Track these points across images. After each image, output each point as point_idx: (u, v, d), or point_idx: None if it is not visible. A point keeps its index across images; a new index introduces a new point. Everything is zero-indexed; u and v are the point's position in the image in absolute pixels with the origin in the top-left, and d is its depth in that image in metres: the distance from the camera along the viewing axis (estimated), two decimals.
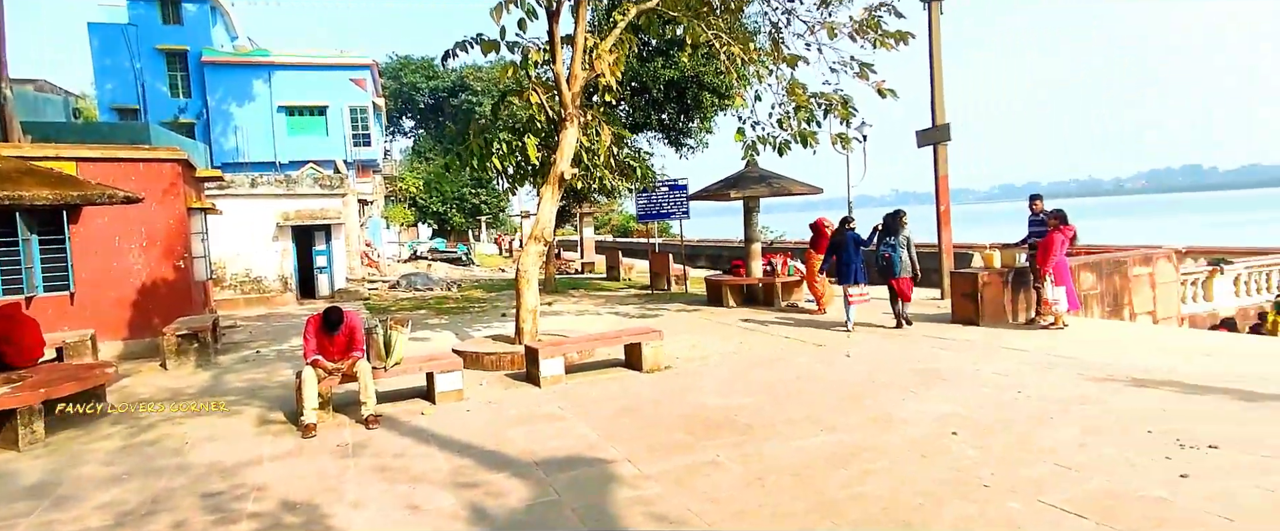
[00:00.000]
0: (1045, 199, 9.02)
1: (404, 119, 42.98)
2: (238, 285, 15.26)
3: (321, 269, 16.07)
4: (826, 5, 10.07)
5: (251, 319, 13.01)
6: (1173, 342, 7.12)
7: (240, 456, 4.80)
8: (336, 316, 5.52)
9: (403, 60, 40.03)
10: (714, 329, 9.46)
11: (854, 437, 4.58)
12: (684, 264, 16.42)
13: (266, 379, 7.34)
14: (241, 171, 19.07)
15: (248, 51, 25.36)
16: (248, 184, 15.41)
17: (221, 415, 5.90)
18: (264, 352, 9.12)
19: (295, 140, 25.08)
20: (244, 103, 24.46)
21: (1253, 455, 3.88)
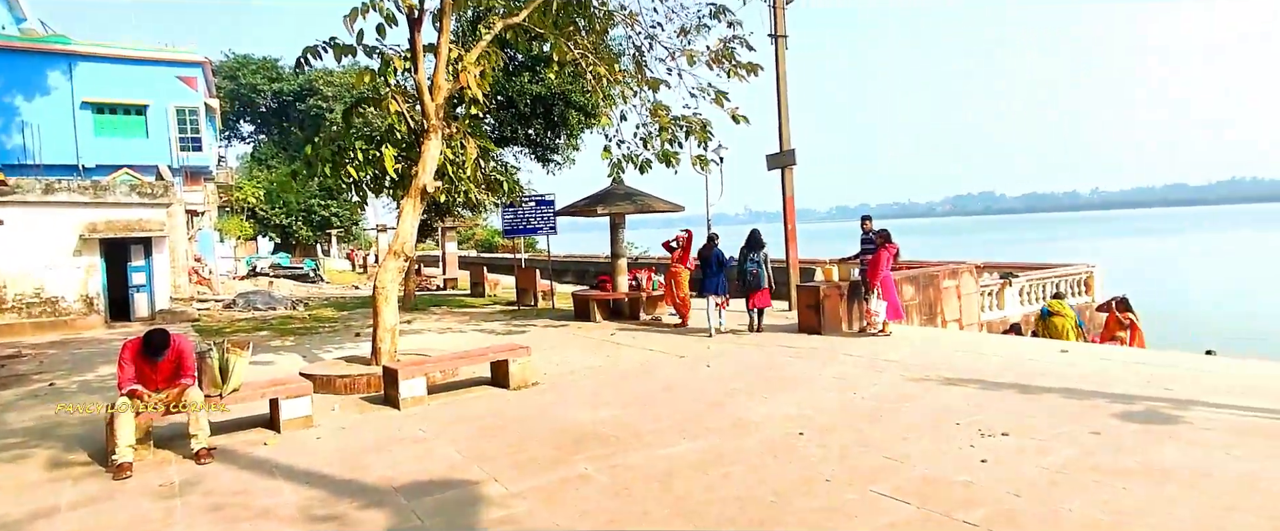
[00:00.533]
0: (873, 219, 10.10)
1: (242, 123, 39.16)
2: (23, 307, 13.04)
3: (139, 287, 14.15)
4: (686, 34, 10.68)
5: (43, 346, 11.20)
6: (975, 345, 8.23)
7: (28, 508, 4.13)
8: (160, 340, 4.93)
9: (241, 59, 36.52)
10: (582, 343, 9.55)
11: (714, 443, 4.86)
12: (551, 279, 16.40)
13: (62, 416, 6.36)
14: (32, 174, 16.41)
15: (39, 37, 21.88)
16: (40, 189, 13.27)
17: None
18: (60, 386, 7.90)
19: (106, 142, 21.92)
20: (34, 96, 21.01)
21: (1034, 439, 4.61)
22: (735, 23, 10.16)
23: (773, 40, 12.37)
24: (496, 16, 9.08)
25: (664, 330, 10.50)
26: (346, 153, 8.19)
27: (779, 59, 12.27)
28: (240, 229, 32.71)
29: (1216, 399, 5.28)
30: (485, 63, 8.64)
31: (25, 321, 12.91)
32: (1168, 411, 5.04)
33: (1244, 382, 5.77)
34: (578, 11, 9.59)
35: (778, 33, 12.26)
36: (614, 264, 12.87)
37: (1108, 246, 64.39)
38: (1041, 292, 12.94)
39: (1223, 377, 5.99)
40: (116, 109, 22.18)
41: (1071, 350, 7.62)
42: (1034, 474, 4.02)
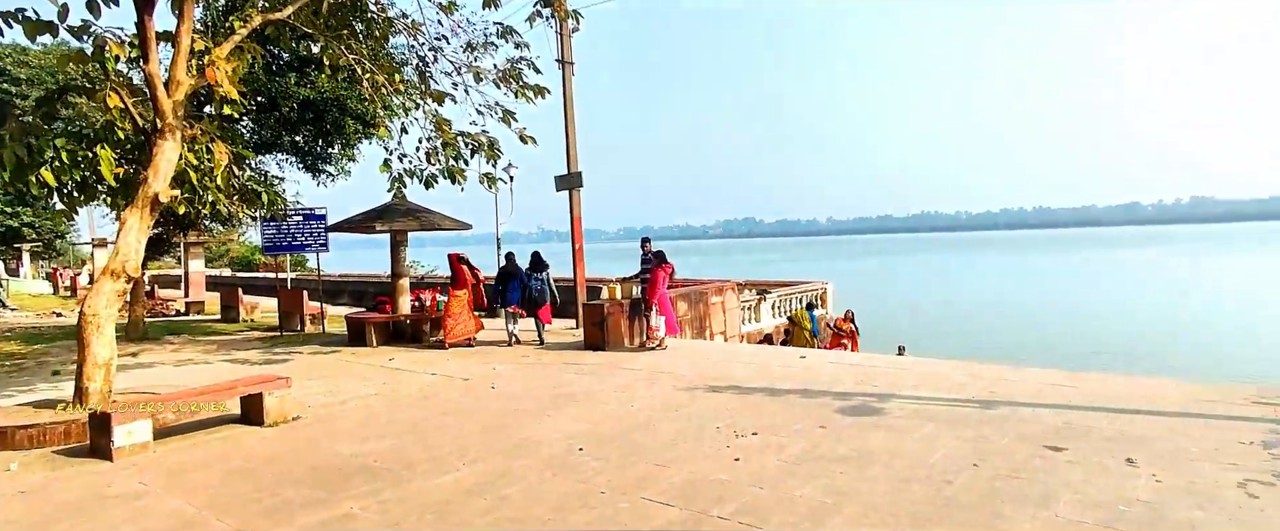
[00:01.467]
0: (653, 241, 10.87)
1: None
2: None
3: None
4: (473, 50, 10.56)
5: None
6: (735, 355, 9.23)
7: None
8: None
9: None
10: (356, 370, 8.86)
11: (494, 465, 4.83)
12: (322, 301, 14.95)
13: None
14: None
15: None
16: None
17: None
18: None
19: None
20: None
21: (777, 436, 5.31)
22: (522, 44, 10.30)
23: (559, 65, 12.75)
24: (255, 9, 8.16)
25: (449, 353, 10.16)
26: (44, 151, 6.70)
27: (566, 84, 12.67)
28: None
29: (907, 392, 6.54)
30: (240, 59, 7.71)
31: None
32: (875, 404, 6.12)
33: (926, 377, 7.23)
34: (353, 15, 9.01)
35: (564, 59, 12.67)
36: (395, 284, 12.15)
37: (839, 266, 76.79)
38: (789, 307, 14.94)
39: (912, 373, 7.44)
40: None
41: (809, 356, 8.90)
42: (775, 466, 4.63)
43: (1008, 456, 4.61)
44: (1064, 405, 5.85)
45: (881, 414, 5.81)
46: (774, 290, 15.30)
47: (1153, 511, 3.66)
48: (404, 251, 12.44)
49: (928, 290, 54.15)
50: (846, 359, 8.79)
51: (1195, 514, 3.61)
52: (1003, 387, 6.58)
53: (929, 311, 37.49)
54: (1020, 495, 3.95)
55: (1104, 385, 6.66)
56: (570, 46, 12.76)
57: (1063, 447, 4.74)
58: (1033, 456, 4.59)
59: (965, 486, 4.12)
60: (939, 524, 3.62)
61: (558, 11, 10.97)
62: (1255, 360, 22.14)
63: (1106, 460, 4.46)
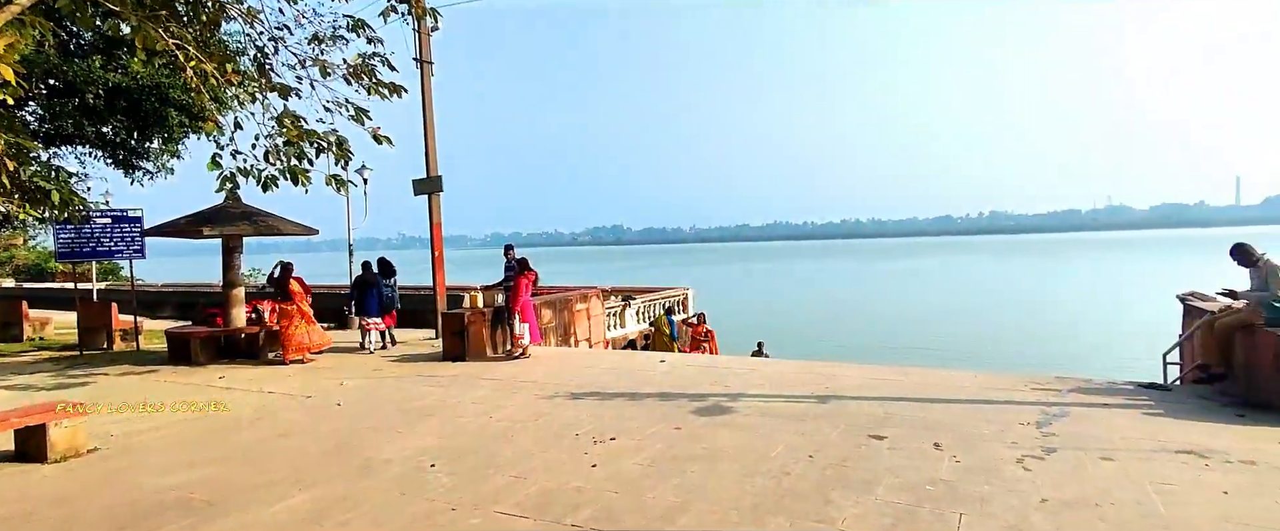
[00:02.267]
0: (521, 248, 10.72)
1: None
2: None
3: None
4: (320, 43, 9.83)
5: None
6: (599, 361, 9.32)
7: None
8: None
9: None
10: (176, 391, 7.91)
11: (335, 489, 4.52)
12: (137, 314, 13.19)
13: None
14: None
15: None
16: None
17: None
18: None
19: None
20: None
21: (635, 440, 5.43)
22: (375, 39, 9.76)
23: (418, 64, 12.23)
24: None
25: (291, 370, 9.37)
26: None
27: (424, 84, 12.17)
28: None
29: (756, 391, 6.96)
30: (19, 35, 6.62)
31: None
32: (727, 404, 6.45)
33: (772, 377, 7.73)
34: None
35: (423, 58, 12.17)
36: (227, 294, 10.99)
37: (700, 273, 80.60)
38: (653, 312, 15.36)
39: (761, 374, 7.93)
40: None
41: (669, 360, 9.19)
42: (631, 470, 4.74)
43: (838, 447, 5.04)
44: (887, 397, 6.51)
45: (732, 413, 6.13)
46: (639, 296, 15.65)
47: (951, 488, 4.17)
48: (238, 258, 11.29)
49: (778, 293, 58.19)
50: (703, 361, 9.18)
51: (984, 488, 4.16)
52: (836, 383, 7.20)
53: (779, 312, 40.29)
54: (847, 481, 4.35)
55: (918, 378, 7.49)
56: (429, 45, 12.29)
57: (884, 436, 5.27)
58: (859, 445, 5.06)
59: (801, 476, 4.46)
60: (778, 513, 3.89)
61: (415, 8, 10.53)
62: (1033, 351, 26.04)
63: (918, 445, 5.02)
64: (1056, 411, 5.88)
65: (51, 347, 12.81)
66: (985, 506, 3.88)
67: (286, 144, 9.21)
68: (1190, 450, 4.74)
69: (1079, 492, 4.04)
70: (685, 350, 11.53)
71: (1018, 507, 3.85)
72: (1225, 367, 6.53)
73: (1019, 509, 3.83)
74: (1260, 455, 4.62)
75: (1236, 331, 6.30)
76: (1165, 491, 4.02)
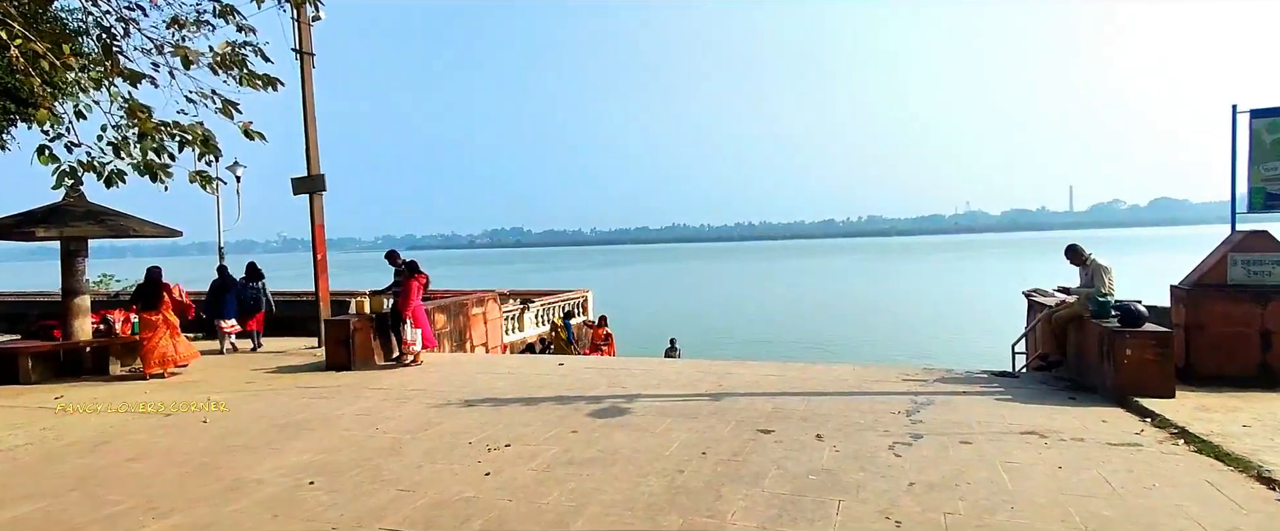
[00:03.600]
0: (415, 251, 10.32)
1: None
2: None
3: None
4: (180, 27, 8.97)
5: None
6: (494, 366, 9.12)
7: None
8: None
9: None
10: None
11: (196, 516, 4.13)
12: None
13: None
14: None
15: None
16: None
17: None
18: None
19: None
20: None
21: (530, 445, 5.35)
22: (247, 27, 9.03)
23: (297, 55, 11.45)
24: None
25: (149, 385, 8.49)
26: None
27: (305, 77, 11.41)
28: None
29: (651, 391, 7.08)
30: None
31: None
32: (623, 405, 6.51)
33: (668, 376, 7.89)
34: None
35: (303, 49, 11.41)
36: (67, 303, 9.77)
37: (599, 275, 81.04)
38: (552, 315, 15.23)
39: (657, 374, 8.06)
40: None
41: (567, 363, 9.15)
42: (526, 477, 4.66)
43: (729, 442, 5.22)
44: (775, 393, 6.83)
45: (628, 414, 6.19)
46: (538, 299, 15.45)
47: (832, 477, 4.43)
48: (82, 263, 10.07)
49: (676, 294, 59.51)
50: (600, 363, 9.21)
51: (859, 475, 4.45)
52: (729, 381, 7.45)
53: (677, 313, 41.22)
54: (737, 475, 4.51)
55: (804, 373, 7.91)
56: (309, 36, 11.54)
57: (771, 430, 5.52)
58: (748, 440, 5.27)
59: (693, 473, 4.57)
60: (670, 510, 3.97)
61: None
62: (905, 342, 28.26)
63: (801, 437, 5.30)
64: (923, 400, 6.40)
65: None
66: (861, 492, 4.15)
67: (141, 137, 8.36)
68: (1033, 431, 5.31)
69: (942, 474, 4.41)
70: (585, 352, 11.52)
71: (889, 491, 4.15)
72: (1061, 355, 7.37)
73: (890, 493, 4.13)
74: (1087, 433, 5.25)
75: (1069, 323, 7.12)
76: (1012, 469, 4.48)
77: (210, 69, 8.95)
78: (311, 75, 11.58)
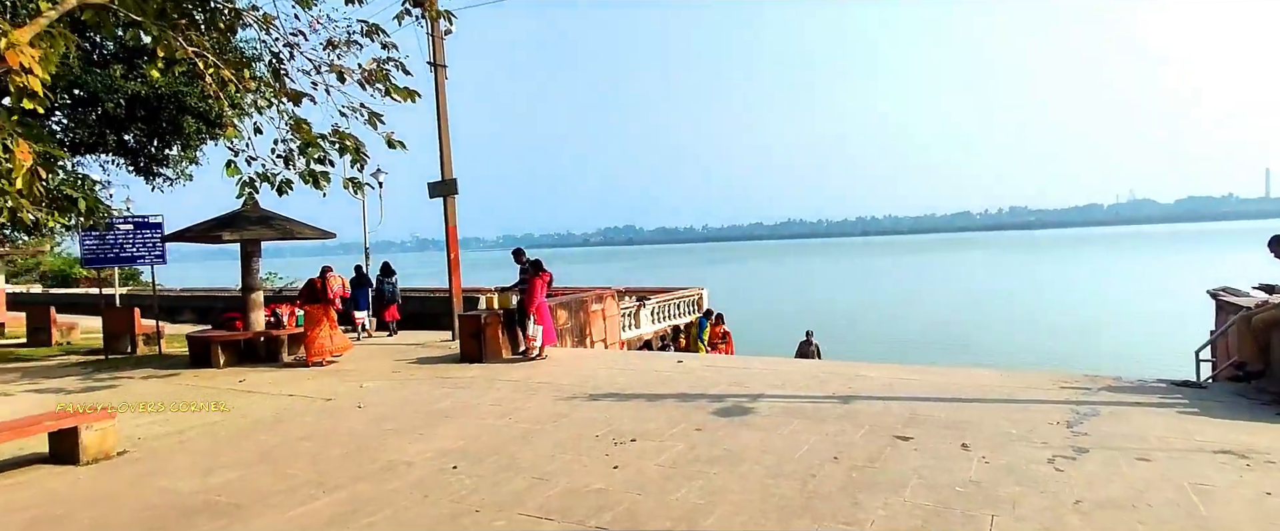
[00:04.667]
0: (533, 249, 10.72)
1: None
2: None
3: None
4: (335, 48, 9.89)
5: None
6: (615, 363, 9.29)
7: None
8: None
9: None
10: (199, 395, 7.99)
11: (358, 491, 4.52)
12: (158, 319, 13.35)
13: None
14: None
15: None
16: None
17: None
18: None
19: None
20: None
21: (655, 441, 5.39)
22: (390, 44, 9.80)
23: (432, 68, 12.28)
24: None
25: (310, 372, 9.43)
26: None
27: (439, 88, 12.22)
28: None
29: (775, 391, 6.90)
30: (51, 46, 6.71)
31: None
32: (747, 405, 6.39)
33: (792, 377, 7.66)
34: (193, 4, 8.14)
35: (436, 61, 12.22)
36: (247, 298, 11.09)
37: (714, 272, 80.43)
38: (666, 312, 15.31)
39: (780, 374, 7.85)
40: None
41: (686, 361, 9.14)
42: (653, 472, 4.70)
43: (863, 448, 4.97)
44: (911, 397, 6.42)
45: (753, 414, 6.07)
46: (653, 297, 15.59)
47: (981, 489, 4.09)
48: (257, 263, 11.40)
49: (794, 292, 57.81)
50: (721, 362, 9.12)
51: (1014, 489, 4.08)
52: (859, 384, 7.11)
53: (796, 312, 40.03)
54: (874, 483, 4.28)
55: (942, 377, 7.38)
56: (443, 49, 12.34)
57: (909, 437, 5.19)
58: (884, 447, 4.99)
59: (826, 478, 4.40)
60: (804, 515, 3.83)
61: (429, 11, 10.56)
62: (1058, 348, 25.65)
63: (944, 446, 4.94)
64: (1087, 410, 5.77)
65: (78, 352, 13.01)
66: (1017, 507, 3.80)
67: (305, 148, 9.31)
68: (1229, 450, 4.62)
69: (1114, 493, 3.94)
70: (703, 351, 11.49)
71: (1051, 508, 3.76)
72: (1263, 363, 6.37)
73: (1052, 509, 3.74)
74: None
75: (1275, 327, 6.14)
76: (1204, 492, 3.92)
77: (359, 84, 9.83)
78: (444, 85, 12.38)
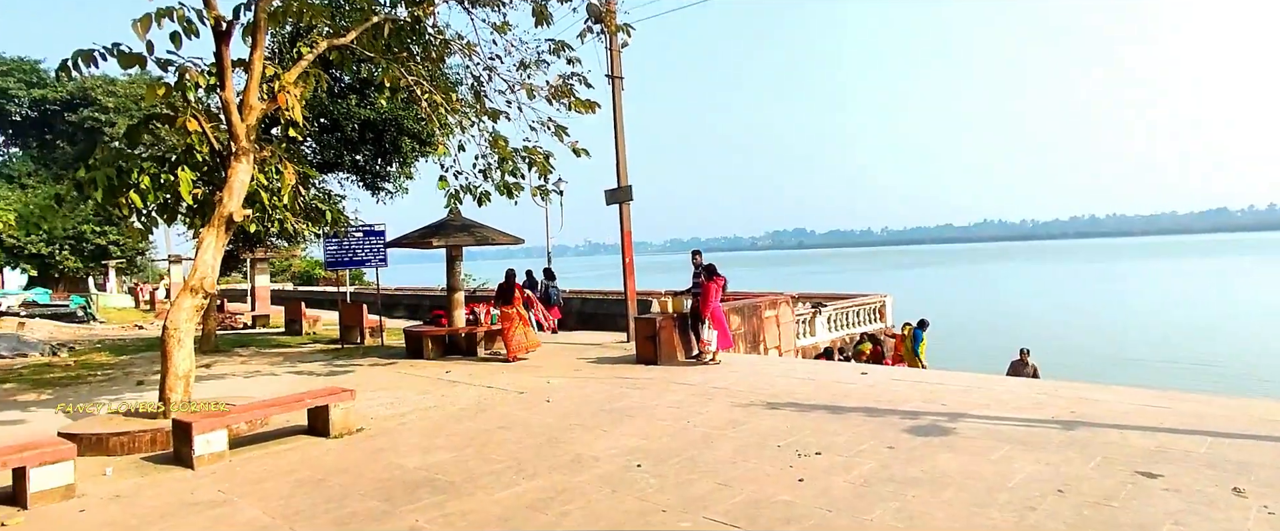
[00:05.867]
0: (703, 254, 10.75)
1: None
2: None
3: None
4: (526, 68, 10.74)
5: None
6: (792, 371, 9.00)
7: None
8: None
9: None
10: (414, 383, 9.03)
11: (552, 481, 4.81)
12: (380, 314, 15.35)
13: None
14: None
15: None
16: None
17: None
18: None
19: None
20: None
21: (843, 456, 5.12)
22: (574, 60, 10.42)
23: (610, 80, 12.85)
24: (321, 36, 8.50)
25: (503, 366, 10.26)
26: (130, 175, 7.10)
27: (615, 98, 12.74)
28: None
29: (979, 411, 6.23)
30: (306, 84, 8.03)
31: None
32: (945, 424, 5.85)
33: (999, 396, 6.88)
34: (412, 38, 9.28)
35: (614, 73, 12.76)
36: (450, 297, 12.37)
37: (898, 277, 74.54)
38: (844, 320, 14.55)
39: (983, 392, 7.09)
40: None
41: (871, 372, 8.60)
42: (843, 488, 4.46)
43: (1095, 482, 4.31)
44: (1155, 427, 5.47)
45: (953, 434, 5.54)
46: (830, 303, 14.92)
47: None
48: (459, 266, 12.67)
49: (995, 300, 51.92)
50: (911, 376, 8.47)
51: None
52: (1085, 408, 6.20)
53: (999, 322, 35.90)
54: (1114, 524, 3.69)
55: (1201, 405, 6.19)
56: (620, 61, 12.85)
57: (1157, 473, 4.41)
58: (1124, 483, 4.28)
59: (1050, 513, 3.87)
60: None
61: (608, 27, 11.08)
62: None
63: (1208, 488, 4.12)
64: None
65: (321, 341, 15.37)
66: None
67: (501, 161, 10.17)
68: None
69: None
70: (888, 362, 10.75)
71: None
72: None
73: None
74: None
75: None
76: None
77: (547, 100, 10.55)
78: (621, 96, 12.88)
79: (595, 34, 10.95)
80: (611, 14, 10.89)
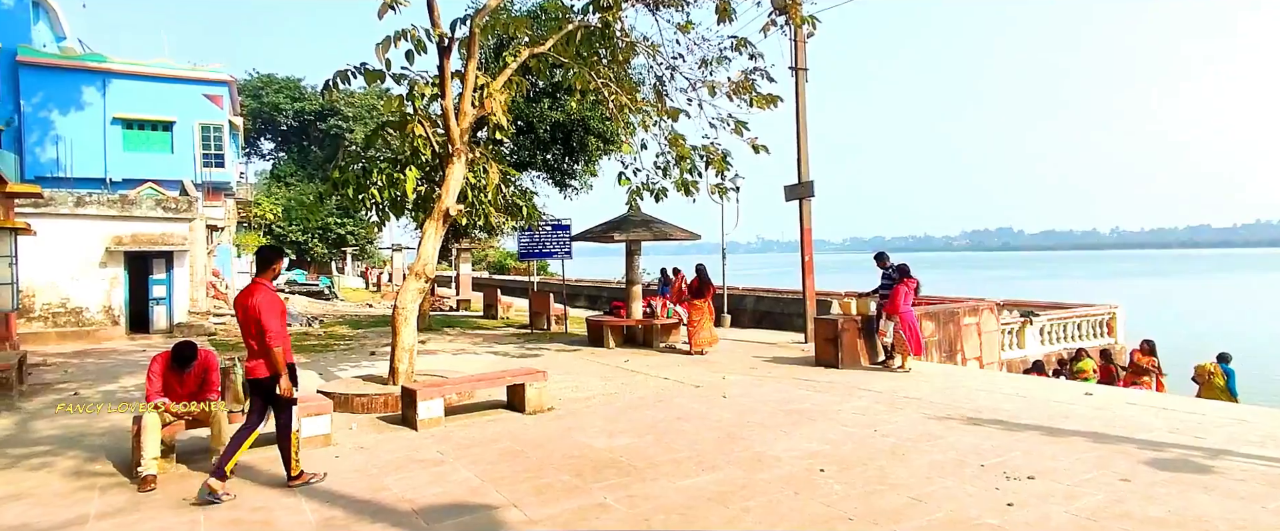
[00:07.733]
0: (889, 254, 10.04)
1: (263, 140, 39.89)
2: (50, 317, 13.24)
3: (159, 300, 14.31)
4: (707, 66, 10.80)
5: (67, 356, 11.32)
6: (996, 385, 8.11)
7: (58, 517, 4.16)
8: (189, 352, 5.00)
9: (265, 78, 37.35)
10: (596, 369, 9.52)
11: (733, 475, 4.79)
12: (564, 303, 16.40)
13: (87, 425, 6.42)
14: (64, 187, 16.72)
15: (77, 55, 22.45)
16: (72, 202, 13.54)
17: (29, 468, 5.08)
18: (84, 395, 7.97)
19: (134, 157, 22.32)
20: (69, 111, 21.49)
21: (1063, 484, 4.51)
22: (757, 55, 10.27)
23: (793, 72, 12.50)
24: (522, 45, 9.25)
25: (679, 359, 10.45)
26: (371, 174, 8.31)
27: (799, 91, 12.37)
28: (257, 244, 33.18)
29: (1248, 449, 5.15)
30: (509, 90, 8.78)
31: (50, 330, 13.11)
32: (1199, 460, 4.92)
33: (1273, 432, 5.64)
34: (601, 42, 9.75)
35: (798, 66, 12.39)
36: (629, 290, 12.87)
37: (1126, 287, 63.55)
38: (1062, 333, 12.76)
39: (1254, 427, 5.85)
40: (144, 125, 22.63)
41: (1097, 393, 7.48)
42: (1063, 520, 3.93)
43: None
44: None
45: (1212, 474, 4.64)
46: (1043, 312, 13.18)
47: None
48: (637, 260, 13.13)
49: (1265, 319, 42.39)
50: (1153, 400, 7.24)
51: None
52: None
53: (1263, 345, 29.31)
54: None
55: None
56: (805, 53, 12.45)
57: None
58: None
59: None
60: None
61: (793, 18, 10.77)
62: None
63: None
64: None
65: (513, 325, 16.80)
66: None
67: (680, 159, 10.35)
68: None
69: None
70: (1121, 383, 9.28)
71: None
72: None
73: None
74: None
75: None
76: None
77: (727, 96, 10.51)
78: (805, 89, 12.47)
79: (779, 26, 10.71)
80: (797, 5, 10.57)
